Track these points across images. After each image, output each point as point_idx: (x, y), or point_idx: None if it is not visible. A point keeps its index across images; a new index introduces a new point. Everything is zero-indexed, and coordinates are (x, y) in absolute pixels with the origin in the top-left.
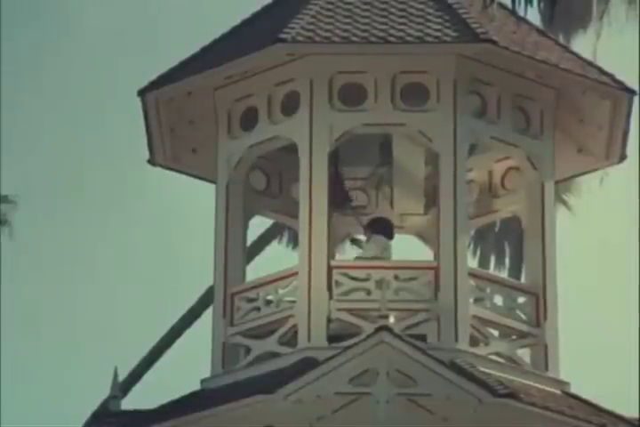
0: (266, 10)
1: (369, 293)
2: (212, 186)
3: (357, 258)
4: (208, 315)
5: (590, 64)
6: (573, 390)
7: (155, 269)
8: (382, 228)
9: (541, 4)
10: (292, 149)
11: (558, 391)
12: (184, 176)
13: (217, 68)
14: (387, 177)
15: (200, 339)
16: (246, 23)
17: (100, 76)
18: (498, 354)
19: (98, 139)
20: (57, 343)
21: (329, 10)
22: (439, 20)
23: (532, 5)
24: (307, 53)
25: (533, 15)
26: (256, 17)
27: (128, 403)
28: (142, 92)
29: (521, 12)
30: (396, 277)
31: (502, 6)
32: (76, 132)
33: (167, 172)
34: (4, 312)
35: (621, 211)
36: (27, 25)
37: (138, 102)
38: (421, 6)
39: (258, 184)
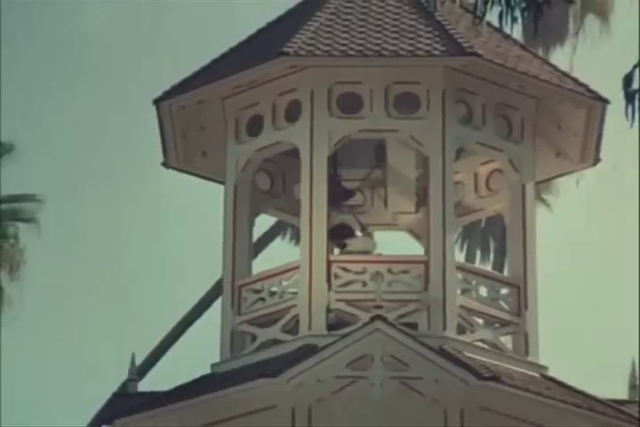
0: (270, 26)
1: (365, 285)
2: (221, 187)
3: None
4: (217, 305)
5: (567, 75)
6: (551, 373)
7: (168, 264)
8: (340, 233)
9: (525, 21)
10: (294, 153)
11: (537, 375)
12: (196, 178)
13: (225, 78)
14: (381, 178)
15: (210, 327)
16: (252, 38)
17: (121, 82)
18: (483, 341)
19: (117, 142)
20: (82, 331)
21: (328, 26)
22: (429, 35)
23: (516, 22)
24: (308, 65)
25: (515, 30)
26: (261, 32)
27: (144, 385)
28: (157, 102)
29: (507, 28)
30: (390, 271)
31: (488, 23)
32: (99, 136)
33: (180, 174)
34: (33, 304)
35: (595, 209)
36: (37, 31)
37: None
38: (413, 22)
39: (263, 185)
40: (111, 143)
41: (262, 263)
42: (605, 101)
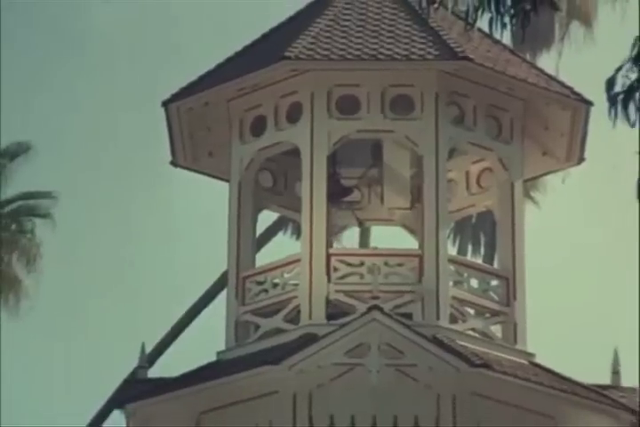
0: (272, 31)
1: (362, 277)
2: (227, 184)
3: None
4: (223, 296)
5: (553, 79)
6: (538, 360)
7: (176, 258)
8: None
9: (514, 27)
10: (295, 153)
11: (525, 362)
12: (202, 176)
13: (230, 82)
14: (377, 176)
15: (216, 317)
16: (255, 43)
17: (125, 82)
18: (474, 330)
19: (126, 142)
20: (94, 323)
21: (327, 31)
22: (423, 41)
23: (506, 28)
24: (308, 69)
25: (504, 36)
26: (264, 37)
27: (154, 372)
28: (166, 103)
29: (497, 34)
30: (386, 264)
31: (479, 29)
32: (109, 137)
33: (188, 172)
34: (49, 295)
35: (580, 205)
36: (37, 31)
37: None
38: (407, 28)
39: (266, 183)
40: (121, 142)
41: (265, 256)
42: (589, 103)
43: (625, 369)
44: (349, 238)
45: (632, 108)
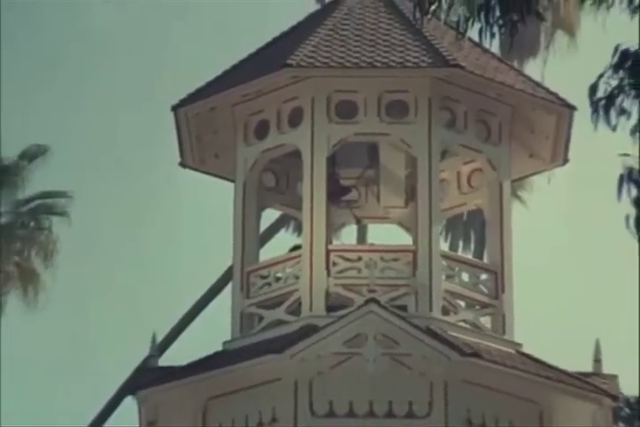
0: (275, 40)
1: (360, 271)
2: (232, 184)
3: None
4: (228, 289)
5: (539, 85)
6: (525, 349)
7: (183, 254)
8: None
9: (502, 37)
10: (296, 154)
11: (513, 351)
12: (209, 176)
13: (235, 88)
14: (374, 177)
15: (222, 309)
16: (259, 51)
17: (130, 83)
18: (464, 321)
19: (136, 144)
20: (108, 315)
21: (327, 40)
22: (417, 49)
23: (494, 37)
24: (309, 76)
25: (493, 45)
26: (267, 46)
27: (164, 360)
28: (175, 108)
29: (486, 43)
30: (382, 259)
31: (469, 38)
32: (120, 139)
33: (195, 173)
34: (64, 287)
35: (565, 204)
36: (37, 31)
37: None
38: (402, 37)
39: (269, 183)
40: (128, 144)
41: (268, 252)
42: (573, 108)
43: (606, 358)
44: (348, 235)
45: (613, 112)
